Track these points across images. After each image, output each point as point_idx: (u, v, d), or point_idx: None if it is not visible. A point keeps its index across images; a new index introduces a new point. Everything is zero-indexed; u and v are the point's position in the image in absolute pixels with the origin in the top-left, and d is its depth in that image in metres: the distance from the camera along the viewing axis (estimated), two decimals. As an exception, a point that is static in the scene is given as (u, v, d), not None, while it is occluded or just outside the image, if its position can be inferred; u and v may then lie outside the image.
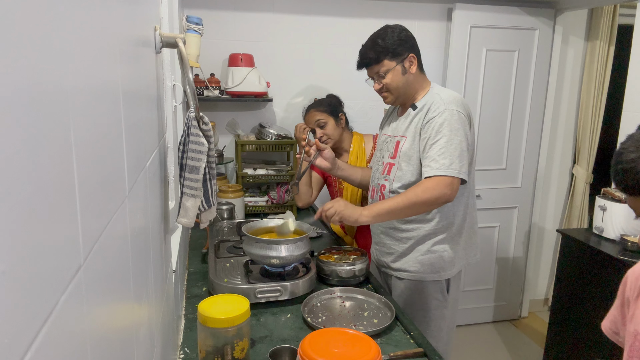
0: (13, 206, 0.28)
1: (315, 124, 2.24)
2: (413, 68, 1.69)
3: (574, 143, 3.47)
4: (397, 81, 1.68)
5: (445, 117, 1.59)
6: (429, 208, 1.64)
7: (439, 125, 1.59)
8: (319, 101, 2.35)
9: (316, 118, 2.24)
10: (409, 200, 1.56)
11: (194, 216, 1.06)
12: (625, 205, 2.26)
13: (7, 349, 0.27)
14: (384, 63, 1.67)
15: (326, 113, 2.25)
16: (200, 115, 1.02)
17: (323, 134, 2.24)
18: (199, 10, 2.65)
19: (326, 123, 2.24)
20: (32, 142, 0.31)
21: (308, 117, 2.29)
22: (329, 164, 1.83)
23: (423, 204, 1.57)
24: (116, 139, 0.56)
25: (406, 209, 1.59)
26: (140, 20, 0.80)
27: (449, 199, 1.56)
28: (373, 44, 1.68)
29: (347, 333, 1.12)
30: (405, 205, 1.57)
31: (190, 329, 1.38)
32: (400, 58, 1.67)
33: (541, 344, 2.97)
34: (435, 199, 1.55)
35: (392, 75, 1.68)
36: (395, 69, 1.67)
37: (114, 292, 0.53)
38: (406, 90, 1.71)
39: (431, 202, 1.56)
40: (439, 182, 1.54)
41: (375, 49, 1.67)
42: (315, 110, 2.26)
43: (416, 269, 1.73)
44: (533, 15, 3.04)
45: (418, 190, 1.56)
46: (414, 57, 1.69)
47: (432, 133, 1.60)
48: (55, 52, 0.35)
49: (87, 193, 0.42)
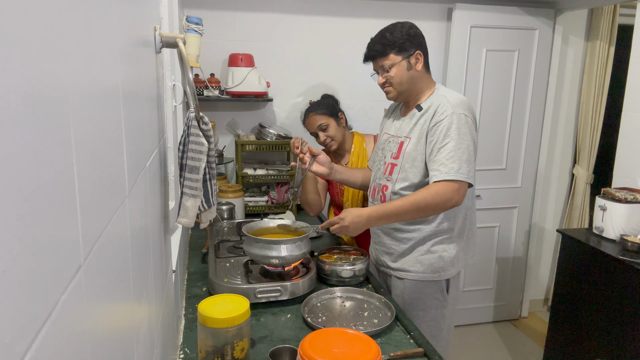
0: (13, 206, 0.28)
1: (318, 128, 2.22)
2: (418, 65, 1.69)
3: (574, 143, 3.47)
4: (401, 76, 1.68)
5: (453, 120, 1.58)
6: (437, 212, 1.65)
7: (447, 129, 1.58)
8: (317, 103, 2.31)
9: (318, 122, 2.21)
10: (417, 205, 1.57)
11: (194, 216, 1.06)
12: (626, 205, 2.27)
13: (7, 348, 0.27)
14: (389, 57, 1.67)
15: (326, 115, 2.22)
16: (200, 115, 1.02)
17: (326, 137, 2.21)
18: (199, 10, 2.66)
19: (328, 125, 2.21)
20: (32, 142, 0.31)
21: (309, 122, 2.25)
22: (325, 169, 1.83)
23: (432, 209, 1.59)
24: (116, 139, 0.56)
25: (414, 213, 1.61)
26: (140, 20, 0.80)
27: (456, 203, 1.58)
28: (381, 37, 1.69)
29: (347, 333, 1.12)
30: (414, 210, 1.58)
31: (190, 329, 1.38)
32: (406, 53, 1.67)
33: (541, 344, 2.97)
34: (444, 203, 1.56)
35: (397, 70, 1.67)
36: (401, 64, 1.67)
37: (114, 292, 0.53)
38: (410, 87, 1.70)
39: (440, 206, 1.58)
40: (447, 187, 1.55)
41: (383, 42, 1.67)
42: (315, 113, 2.23)
43: (416, 269, 1.73)
44: (533, 15, 3.05)
45: (427, 195, 1.56)
46: (421, 54, 1.69)
47: (439, 137, 1.59)
48: (55, 52, 0.35)
49: (87, 193, 0.42)
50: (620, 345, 2.12)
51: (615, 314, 2.16)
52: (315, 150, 1.81)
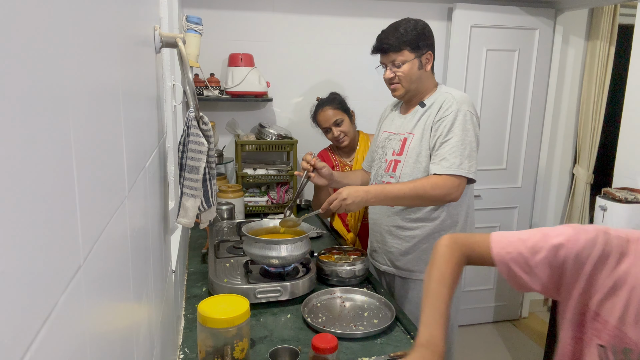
0: (13, 206, 0.28)
1: (333, 123, 2.23)
2: (428, 66, 1.70)
3: (574, 143, 3.47)
4: (412, 75, 1.68)
5: (458, 116, 1.61)
6: (432, 204, 1.67)
7: (451, 124, 1.60)
8: (330, 98, 2.31)
9: (333, 117, 2.22)
10: (416, 193, 1.58)
11: (194, 216, 1.06)
12: (626, 205, 2.27)
13: (7, 348, 0.27)
14: (403, 53, 1.66)
15: (340, 110, 2.25)
16: (200, 115, 1.02)
17: (340, 132, 2.23)
18: (199, 10, 2.66)
19: (343, 120, 2.24)
20: (32, 142, 0.31)
21: (323, 116, 2.25)
22: (325, 181, 1.84)
23: (428, 199, 1.61)
24: (116, 139, 0.56)
25: (410, 200, 1.62)
26: (140, 20, 0.80)
27: (454, 198, 1.60)
28: (395, 31, 1.66)
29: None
30: (411, 196, 1.59)
31: (190, 329, 1.38)
32: (419, 52, 1.67)
33: (541, 344, 2.97)
34: (442, 197, 1.58)
35: (409, 68, 1.67)
36: (413, 62, 1.67)
37: (114, 292, 0.53)
38: (417, 86, 1.71)
39: (437, 199, 1.60)
40: (447, 181, 1.57)
41: (397, 37, 1.65)
42: (331, 108, 2.24)
43: (419, 268, 1.73)
44: (533, 15, 3.04)
45: (427, 186, 1.57)
46: (431, 55, 1.70)
47: (443, 131, 1.61)
48: (54, 51, 0.35)
49: (86, 193, 0.42)
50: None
51: (615, 314, 2.16)
52: (319, 163, 1.82)
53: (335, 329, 1.37)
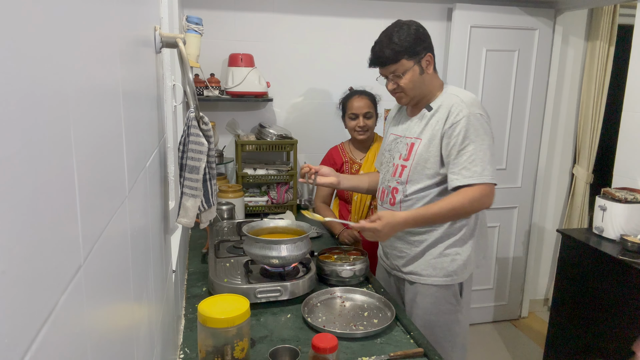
0: (13, 206, 0.28)
1: (364, 114, 2.27)
2: (430, 68, 1.64)
3: (574, 143, 3.47)
4: (415, 81, 1.62)
5: (471, 121, 1.56)
6: (468, 216, 1.67)
7: (465, 130, 1.55)
8: (368, 92, 2.35)
9: (367, 107, 2.28)
10: (455, 212, 1.58)
11: (194, 216, 1.06)
12: (626, 205, 2.27)
13: (7, 349, 0.27)
14: (401, 62, 1.60)
15: (374, 106, 2.32)
16: (200, 115, 1.02)
17: (365, 124, 2.28)
18: (199, 10, 2.66)
19: (372, 115, 2.30)
20: (32, 142, 0.31)
21: (357, 101, 2.29)
22: (334, 179, 1.84)
23: (466, 214, 1.62)
24: (116, 139, 0.56)
25: (448, 218, 1.63)
26: (140, 20, 0.80)
27: (489, 206, 1.59)
28: (389, 42, 1.59)
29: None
30: (450, 216, 1.60)
31: (190, 329, 1.38)
32: (417, 57, 1.61)
33: (541, 344, 2.97)
34: (479, 207, 1.59)
35: (410, 76, 1.61)
36: (413, 69, 1.61)
37: (114, 292, 0.53)
38: (422, 91, 1.66)
39: (475, 211, 1.61)
40: (482, 192, 1.55)
41: (393, 47, 1.59)
42: (367, 98, 2.30)
43: (428, 272, 1.69)
44: (533, 15, 3.05)
45: (464, 202, 1.54)
46: (431, 56, 1.64)
47: (458, 139, 1.56)
48: (55, 52, 0.35)
49: (87, 193, 0.42)
50: (620, 345, 2.12)
51: (615, 314, 2.16)
52: (316, 167, 1.84)
53: (335, 328, 1.37)
